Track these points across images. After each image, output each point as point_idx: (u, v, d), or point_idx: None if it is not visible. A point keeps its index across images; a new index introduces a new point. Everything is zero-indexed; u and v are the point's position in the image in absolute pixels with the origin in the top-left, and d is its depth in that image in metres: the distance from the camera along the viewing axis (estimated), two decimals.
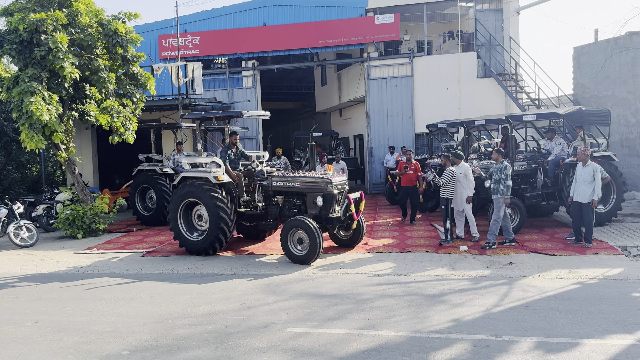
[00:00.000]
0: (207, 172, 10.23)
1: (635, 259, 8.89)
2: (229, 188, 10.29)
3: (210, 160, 10.64)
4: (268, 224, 10.41)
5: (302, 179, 9.92)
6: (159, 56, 20.35)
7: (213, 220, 9.93)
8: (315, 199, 9.58)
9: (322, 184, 9.63)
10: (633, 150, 15.30)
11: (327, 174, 10.02)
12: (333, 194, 9.58)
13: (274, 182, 10.19)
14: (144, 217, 14.61)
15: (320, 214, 9.62)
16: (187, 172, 10.58)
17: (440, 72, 19.42)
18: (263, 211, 10.34)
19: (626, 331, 5.57)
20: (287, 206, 10.18)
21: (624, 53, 15.39)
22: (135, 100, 13.65)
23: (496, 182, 9.92)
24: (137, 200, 14.79)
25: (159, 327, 6.23)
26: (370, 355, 5.16)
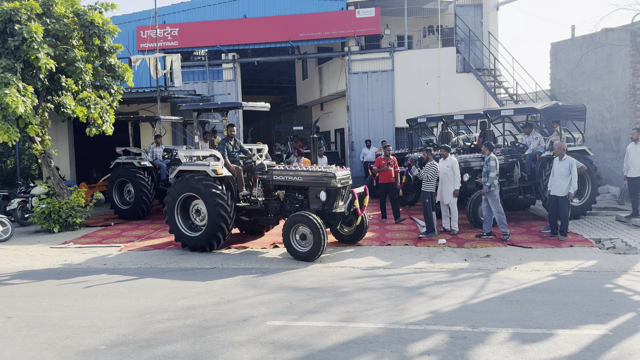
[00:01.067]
0: (205, 165, 9.92)
1: (609, 251, 9.09)
2: (228, 182, 10.00)
3: (209, 154, 10.33)
4: (268, 219, 10.12)
5: (304, 173, 9.63)
6: (137, 48, 20.06)
7: (212, 216, 9.65)
8: (318, 194, 9.28)
9: (325, 178, 9.33)
10: (607, 145, 15.61)
11: (330, 167, 9.78)
12: (337, 189, 9.29)
13: (275, 176, 9.88)
14: (122, 211, 14.41)
15: (323, 209, 9.31)
16: (184, 165, 10.30)
17: (420, 67, 19.52)
18: (263, 206, 10.03)
19: (599, 321, 5.70)
20: (288, 201, 9.88)
21: (600, 49, 15.66)
22: (113, 92, 13.43)
23: (485, 174, 10.07)
24: (115, 194, 14.57)
25: (137, 321, 6.17)
26: (349, 347, 5.20)
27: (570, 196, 9.73)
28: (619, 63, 15.07)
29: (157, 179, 14.44)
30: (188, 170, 10.19)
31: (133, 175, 14.01)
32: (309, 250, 8.89)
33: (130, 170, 14.12)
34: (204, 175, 9.88)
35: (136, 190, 14.02)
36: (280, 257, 9.38)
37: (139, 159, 14.37)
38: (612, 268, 7.92)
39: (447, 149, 10.69)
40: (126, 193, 14.50)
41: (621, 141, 14.89)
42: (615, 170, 15.01)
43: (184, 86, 19.43)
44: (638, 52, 14.40)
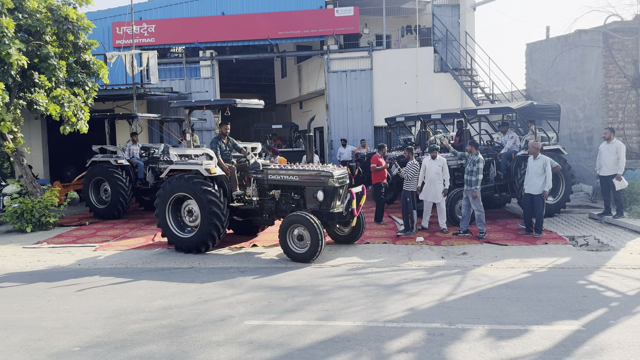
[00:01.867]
0: (198, 164, 9.59)
1: (582, 248, 9.28)
2: (221, 181, 9.69)
3: (201, 152, 9.95)
4: (263, 219, 9.86)
5: (301, 172, 9.41)
6: (112, 44, 19.72)
7: (205, 216, 9.35)
8: (315, 193, 9.04)
9: (322, 178, 9.13)
10: (581, 144, 15.92)
11: (327, 166, 9.60)
12: (334, 188, 9.10)
13: (270, 175, 9.63)
14: (98, 210, 14.14)
15: (320, 209, 9.10)
16: (176, 164, 9.99)
17: (398, 66, 19.63)
18: (257, 206, 9.76)
19: (572, 317, 5.81)
20: (284, 201, 9.64)
21: (574, 50, 15.96)
22: (87, 89, 13.19)
23: (469, 173, 10.14)
24: (91, 193, 14.27)
25: (112, 322, 6.07)
26: (328, 346, 5.20)
27: (545, 194, 9.91)
28: (592, 64, 15.39)
29: (135, 178, 14.20)
30: (179, 169, 9.88)
31: (109, 173, 13.73)
32: (306, 252, 8.65)
33: (106, 169, 13.83)
34: (196, 174, 9.57)
35: (113, 189, 13.74)
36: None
37: (115, 157, 14.08)
38: (585, 265, 8.08)
39: (436, 149, 10.68)
40: (103, 192, 14.22)
41: (594, 140, 15.21)
42: (588, 169, 15.33)
43: (160, 83, 19.18)
44: (610, 54, 14.72)
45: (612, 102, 14.95)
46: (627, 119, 15.02)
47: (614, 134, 11.35)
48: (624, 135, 14.72)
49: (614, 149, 11.04)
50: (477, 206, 10.14)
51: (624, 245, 9.23)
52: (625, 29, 14.48)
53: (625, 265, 7.98)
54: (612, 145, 11.08)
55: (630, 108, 15.02)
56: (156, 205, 9.98)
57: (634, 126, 15.17)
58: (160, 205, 9.88)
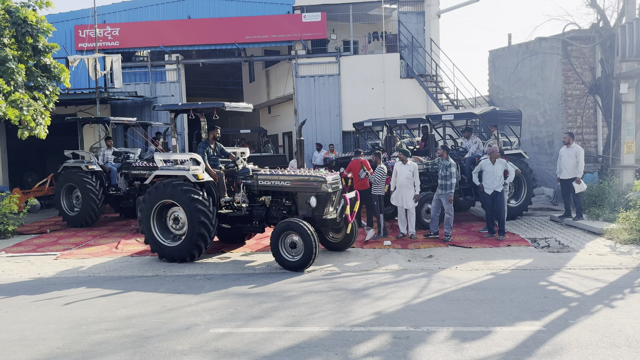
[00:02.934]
0: (184, 169, 9.25)
1: (543, 250, 9.52)
2: (209, 188, 9.36)
3: (188, 157, 9.59)
4: (253, 226, 9.51)
5: (292, 177, 9.16)
6: (75, 47, 19.27)
7: (192, 224, 9.00)
8: (308, 199, 8.79)
9: (315, 183, 8.91)
10: (542, 149, 16.38)
11: (319, 171, 9.35)
12: (327, 194, 8.90)
13: (260, 180, 9.36)
14: (70, 218, 13.58)
15: (313, 215, 8.87)
16: (161, 170, 9.61)
17: (366, 72, 19.81)
18: (247, 213, 9.45)
19: (534, 318, 5.95)
20: (274, 207, 9.36)
21: (534, 57, 16.43)
22: (48, 93, 12.82)
23: (442, 177, 10.27)
24: (63, 200, 13.70)
25: (73, 332, 5.90)
26: (294, 352, 5.18)
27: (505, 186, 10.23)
28: (551, 70, 15.86)
29: (108, 184, 13.70)
30: (165, 175, 9.50)
31: (80, 179, 13.22)
32: (299, 260, 8.40)
33: (77, 175, 13.31)
34: (183, 180, 9.22)
35: (83, 196, 13.20)
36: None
37: (87, 162, 13.56)
38: (546, 266, 8.30)
39: (406, 153, 10.65)
40: (75, 199, 13.69)
41: (554, 144, 15.67)
42: (549, 172, 15.77)
43: (125, 87, 18.84)
44: (569, 61, 15.21)
45: (571, 107, 15.44)
46: (585, 124, 15.54)
47: (573, 139, 11.71)
48: (582, 139, 15.21)
49: (573, 153, 11.40)
50: (449, 209, 10.31)
51: (583, 247, 9.52)
52: (582, 37, 14.99)
53: (584, 266, 8.22)
54: (572, 150, 11.43)
55: (588, 113, 15.54)
56: (140, 211, 9.57)
57: (592, 131, 15.70)
58: (144, 212, 9.47)
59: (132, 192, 13.41)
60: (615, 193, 11.91)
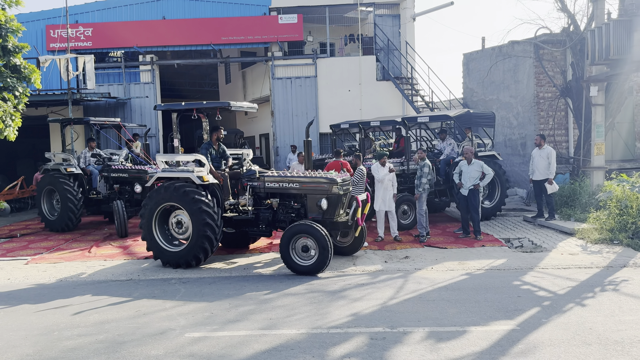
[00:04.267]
0: (188, 171, 8.91)
1: (517, 250, 9.68)
2: (213, 190, 9.02)
3: (192, 158, 9.20)
4: (260, 230, 9.20)
5: (302, 179, 8.84)
6: (46, 48, 18.86)
7: (197, 228, 8.65)
8: (319, 202, 8.51)
9: (326, 185, 8.63)
10: (515, 150, 16.66)
11: (330, 173, 9.11)
12: (338, 195, 8.65)
13: (267, 182, 9.04)
14: (50, 222, 13.14)
15: (323, 218, 8.58)
16: (164, 172, 9.24)
17: (342, 74, 19.87)
18: (253, 216, 9.13)
19: (508, 317, 6.04)
20: (282, 210, 9.05)
21: (507, 60, 16.71)
22: (18, 94, 12.51)
23: (418, 177, 10.53)
24: (44, 203, 13.28)
25: (44, 339, 5.76)
26: (271, 355, 5.15)
27: (477, 186, 10.34)
28: (524, 73, 16.16)
29: (89, 188, 13.31)
30: (168, 177, 9.15)
31: (59, 183, 12.78)
32: (312, 264, 8.10)
33: (56, 178, 12.86)
34: (186, 182, 8.89)
35: (62, 199, 12.75)
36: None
37: (65, 164, 13.06)
38: (520, 266, 8.44)
39: (381, 155, 10.65)
40: (55, 202, 13.19)
41: (527, 146, 15.95)
42: (522, 173, 16.05)
43: (98, 88, 18.50)
44: (541, 64, 15.51)
45: (543, 109, 15.76)
46: (557, 126, 15.87)
47: (545, 140, 11.94)
48: (554, 141, 15.53)
49: (545, 154, 11.61)
50: (420, 209, 10.43)
51: (555, 246, 9.71)
52: (554, 41, 15.32)
53: (556, 266, 8.39)
54: (544, 151, 11.65)
55: (559, 116, 15.88)
56: (141, 216, 9.23)
57: (563, 133, 16.04)
58: (146, 216, 9.09)
59: (112, 195, 12.97)
60: (586, 194, 12.19)
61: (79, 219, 13.08)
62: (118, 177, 12.90)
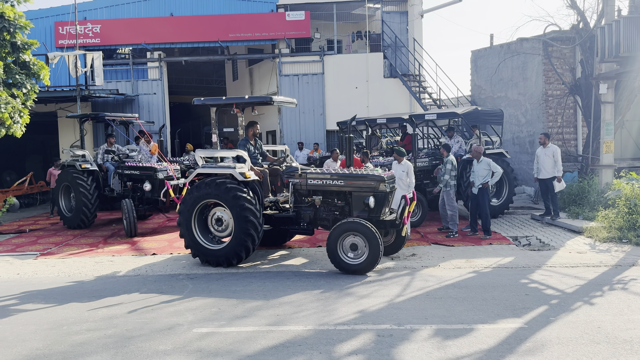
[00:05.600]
0: (230, 167, 8.70)
1: (525, 248, 9.64)
2: (253, 187, 8.76)
3: (234, 154, 8.97)
4: (301, 228, 9.03)
5: (347, 176, 8.56)
6: (55, 44, 18.98)
7: (239, 225, 8.41)
8: (366, 199, 8.27)
9: (373, 182, 8.38)
10: (523, 148, 16.58)
11: (376, 170, 8.91)
12: (385, 193, 8.43)
13: (310, 179, 8.75)
14: (67, 218, 13.02)
15: (369, 216, 8.32)
16: (203, 168, 9.00)
17: (349, 71, 19.84)
18: (294, 213, 8.97)
19: (515, 315, 6.02)
20: (325, 208, 8.81)
21: (516, 57, 16.62)
22: (27, 90, 12.59)
23: (441, 174, 10.61)
24: (62, 199, 13.17)
25: (53, 333, 5.81)
26: (278, 351, 5.17)
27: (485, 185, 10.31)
28: (532, 71, 16.07)
29: (104, 184, 13.11)
30: (208, 173, 8.90)
31: (74, 179, 12.63)
32: (362, 262, 7.88)
33: (71, 174, 12.74)
34: (228, 179, 8.66)
35: (77, 196, 12.57)
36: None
37: (81, 161, 12.89)
38: (527, 264, 8.40)
39: (400, 153, 10.56)
40: (72, 199, 13.00)
41: (535, 144, 15.85)
42: (530, 171, 15.95)
43: (106, 85, 18.62)
44: (550, 61, 15.41)
45: (551, 107, 15.66)
46: (565, 123, 15.78)
47: (549, 139, 11.83)
48: (562, 139, 15.44)
49: (550, 152, 11.51)
50: (451, 206, 10.60)
51: (563, 245, 9.66)
52: (563, 38, 15.21)
53: (564, 264, 8.35)
54: (549, 150, 11.54)
55: (568, 113, 15.78)
56: (180, 213, 8.96)
57: (572, 130, 15.95)
58: (184, 214, 8.83)
59: (126, 193, 12.67)
60: (595, 192, 12.11)
61: (94, 216, 12.91)
62: (131, 174, 12.60)
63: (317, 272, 8.28)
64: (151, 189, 11.88)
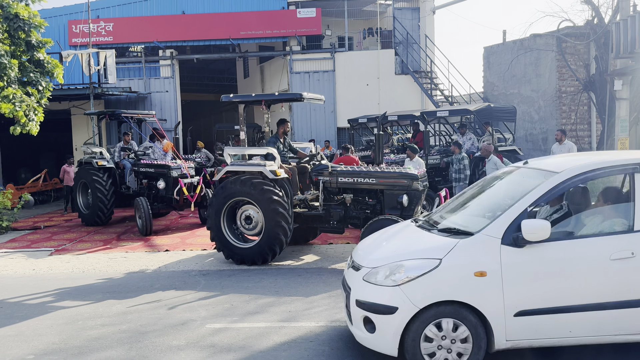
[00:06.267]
0: (260, 165, 8.57)
1: None
2: (283, 185, 8.63)
3: (264, 152, 8.82)
4: (331, 227, 8.85)
5: (380, 174, 8.44)
6: (68, 42, 19.21)
7: (270, 222, 8.29)
8: (400, 198, 8.13)
9: (406, 180, 8.27)
10: (536, 145, 16.46)
11: (408, 167, 8.82)
12: (419, 191, 8.33)
13: (340, 177, 8.65)
14: (84, 216, 13.04)
15: (402, 215, 8.08)
16: (232, 165, 8.87)
17: (360, 68, 19.82)
18: (323, 212, 8.84)
19: None
20: (355, 206, 8.71)
21: (529, 54, 16.49)
22: (41, 88, 12.75)
23: (456, 171, 10.72)
24: (79, 196, 13.15)
25: (69, 328, 5.89)
26: (290, 347, 5.20)
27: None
28: (546, 67, 15.93)
29: (120, 182, 13.04)
30: (237, 171, 8.77)
31: (90, 176, 12.56)
32: None
33: (87, 171, 12.71)
34: (258, 176, 8.54)
35: (93, 193, 12.50)
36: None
37: (98, 157, 12.81)
38: None
39: (413, 150, 10.53)
40: (90, 196, 12.88)
41: (548, 141, 15.75)
42: None
43: (119, 83, 18.78)
44: (563, 57, 15.28)
45: (565, 104, 15.53)
46: (579, 120, 15.64)
47: (566, 136, 11.75)
48: (576, 136, 15.30)
49: (566, 149, 11.42)
50: None
51: None
52: (577, 34, 15.07)
53: None
54: (564, 146, 11.46)
55: (582, 110, 15.64)
56: (208, 212, 8.89)
57: (586, 127, 15.80)
58: (214, 213, 8.71)
59: (142, 191, 12.56)
60: None
61: (110, 213, 12.83)
62: (146, 172, 12.51)
63: (329, 269, 8.30)
64: (165, 187, 11.80)
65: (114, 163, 13.08)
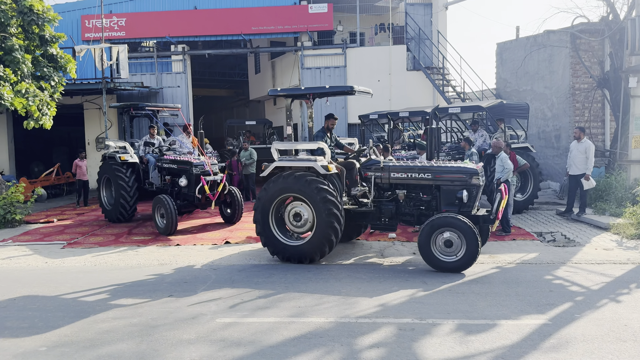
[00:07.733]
0: (311, 160, 8.31)
1: (549, 244, 9.50)
2: (333, 181, 8.34)
3: (314, 146, 8.49)
4: (382, 224, 8.61)
5: (437, 169, 8.19)
6: (81, 37, 19.32)
7: (321, 220, 8.02)
8: (459, 193, 7.90)
9: (465, 175, 8.04)
10: (549, 142, 16.29)
11: (466, 162, 8.63)
12: (478, 187, 8.04)
13: (392, 173, 8.42)
14: (107, 211, 12.71)
15: (459, 211, 7.87)
16: (281, 160, 8.61)
17: (372, 64, 19.74)
18: (374, 209, 8.61)
19: (539, 312, 5.95)
20: (408, 202, 8.47)
21: (542, 50, 16.30)
22: (54, 83, 12.85)
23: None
24: (103, 191, 12.82)
25: (80, 321, 5.95)
26: (300, 342, 5.21)
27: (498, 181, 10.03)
28: (559, 64, 15.75)
29: (144, 177, 12.64)
30: (288, 166, 8.52)
31: (113, 172, 12.24)
32: (459, 260, 7.47)
33: (110, 166, 12.38)
34: (309, 172, 8.27)
35: (116, 189, 12.19)
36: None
37: (121, 152, 12.44)
38: (552, 260, 8.28)
39: (421, 147, 10.46)
40: (114, 191, 12.52)
41: (561, 138, 15.58)
42: (555, 166, 15.70)
43: (131, 78, 18.87)
44: (577, 54, 15.09)
45: (578, 101, 15.35)
46: (593, 117, 15.45)
47: (584, 134, 11.51)
48: (590, 133, 15.12)
49: (583, 148, 11.21)
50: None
51: (589, 241, 9.49)
52: (591, 30, 14.87)
53: (590, 261, 8.21)
54: (582, 145, 11.24)
55: (596, 107, 15.45)
56: (256, 209, 8.59)
57: (599, 125, 15.61)
58: (261, 210, 8.46)
59: (165, 187, 12.08)
60: (622, 188, 11.84)
61: (133, 209, 12.54)
62: (169, 168, 12.03)
63: (337, 265, 8.30)
64: (187, 184, 11.31)
65: (137, 158, 12.66)
